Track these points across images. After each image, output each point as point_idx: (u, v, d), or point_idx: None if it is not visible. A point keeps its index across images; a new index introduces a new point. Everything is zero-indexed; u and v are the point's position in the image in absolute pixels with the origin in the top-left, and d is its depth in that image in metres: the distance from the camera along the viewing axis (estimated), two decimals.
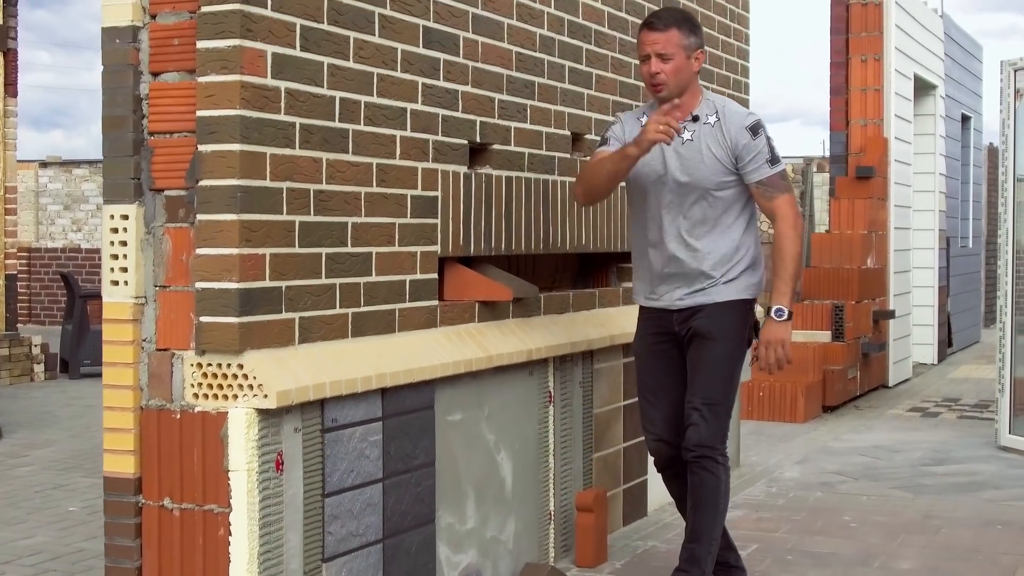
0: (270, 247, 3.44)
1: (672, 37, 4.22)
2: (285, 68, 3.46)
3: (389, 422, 3.90)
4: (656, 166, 4.30)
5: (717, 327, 4.31)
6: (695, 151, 4.26)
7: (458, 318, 4.31)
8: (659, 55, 4.22)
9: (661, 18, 4.31)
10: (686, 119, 4.26)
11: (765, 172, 4.26)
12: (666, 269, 4.36)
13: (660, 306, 4.41)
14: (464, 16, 4.29)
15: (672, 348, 4.43)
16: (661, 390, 4.47)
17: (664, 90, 4.24)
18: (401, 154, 3.98)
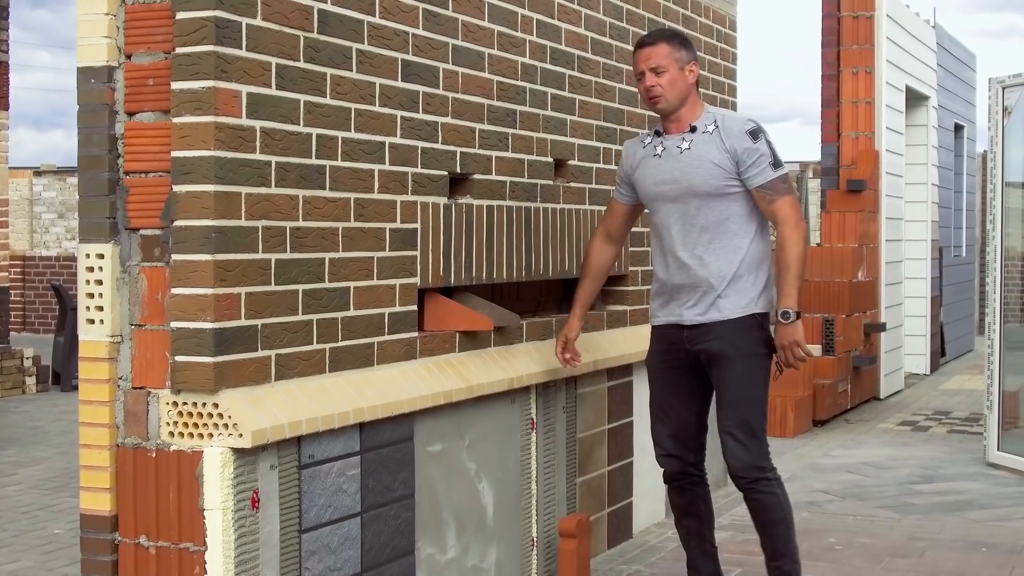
0: (245, 286, 3.44)
1: (662, 50, 4.35)
2: (260, 107, 3.47)
3: (367, 456, 3.91)
4: (656, 176, 4.42)
5: (732, 346, 4.34)
6: (692, 158, 4.35)
7: (438, 349, 4.31)
8: (652, 69, 4.34)
9: (650, 34, 4.53)
10: (684, 131, 4.39)
11: (768, 175, 4.31)
12: (675, 280, 4.41)
13: (671, 321, 4.46)
14: (444, 48, 4.30)
15: (681, 365, 4.49)
16: (669, 407, 4.55)
17: (661, 102, 4.36)
18: (380, 188, 3.98)
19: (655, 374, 4.59)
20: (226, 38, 3.35)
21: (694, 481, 4.62)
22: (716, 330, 4.35)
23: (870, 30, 10.74)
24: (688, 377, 4.51)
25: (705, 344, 4.37)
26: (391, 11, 4.01)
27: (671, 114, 4.41)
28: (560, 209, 5.08)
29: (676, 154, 4.38)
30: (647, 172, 4.46)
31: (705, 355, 4.40)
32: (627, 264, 5.69)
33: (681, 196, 4.37)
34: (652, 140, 4.50)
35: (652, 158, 4.46)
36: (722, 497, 6.75)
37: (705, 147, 4.35)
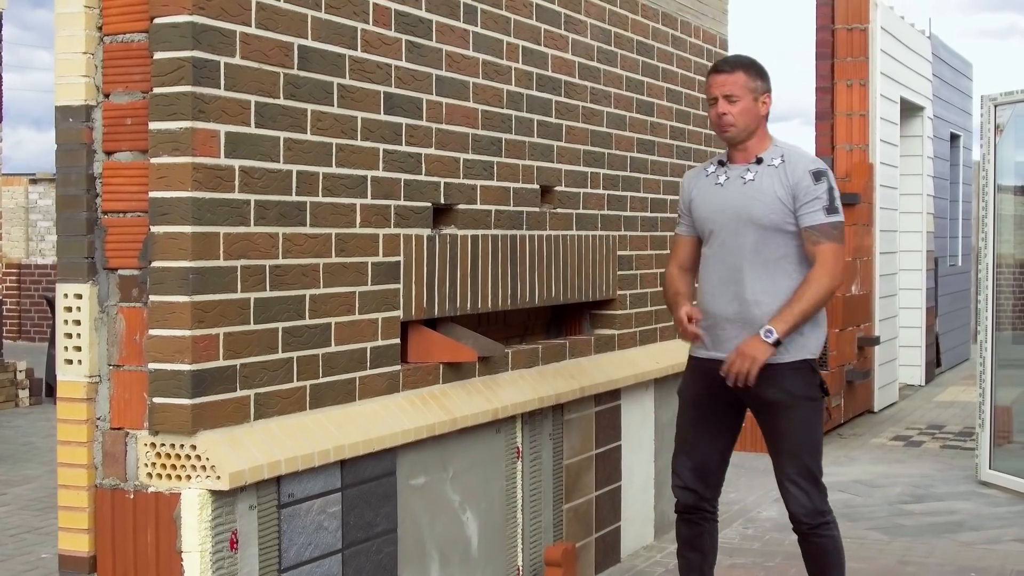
0: (224, 326, 3.43)
1: (738, 79, 4.29)
2: (239, 146, 3.45)
3: (349, 492, 3.89)
4: (716, 204, 4.36)
5: (788, 395, 4.26)
6: (755, 189, 4.29)
7: (422, 381, 4.30)
8: (726, 97, 4.29)
9: (728, 61, 4.41)
10: (750, 162, 4.33)
11: (819, 219, 4.22)
12: (726, 313, 4.32)
13: (715, 356, 4.34)
14: (427, 79, 4.28)
15: (718, 403, 4.39)
16: (697, 441, 4.46)
17: (732, 131, 4.31)
18: (361, 222, 3.97)
19: (689, 407, 4.50)
20: (204, 78, 3.33)
21: (706, 516, 4.53)
22: (771, 374, 4.22)
23: (864, 43, 10.72)
24: (722, 415, 4.43)
25: (757, 391, 4.25)
26: (373, 44, 4.00)
27: (739, 144, 4.35)
28: (546, 236, 5.06)
29: (739, 184, 4.33)
30: (706, 200, 4.40)
31: (757, 401, 4.31)
32: (615, 288, 5.67)
33: (739, 227, 4.29)
34: (715, 169, 4.44)
35: (713, 187, 4.39)
36: None
37: (769, 180, 4.28)
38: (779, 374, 4.23)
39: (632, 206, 5.83)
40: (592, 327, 5.72)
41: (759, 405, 4.33)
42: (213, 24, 3.35)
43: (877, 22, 10.72)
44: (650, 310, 6.05)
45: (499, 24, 4.70)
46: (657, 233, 6.11)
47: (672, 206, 6.28)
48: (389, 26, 4.08)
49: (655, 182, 6.08)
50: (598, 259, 5.49)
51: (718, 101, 4.31)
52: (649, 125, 6.00)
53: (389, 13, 4.07)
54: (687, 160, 6.43)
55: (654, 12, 6.04)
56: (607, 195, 5.58)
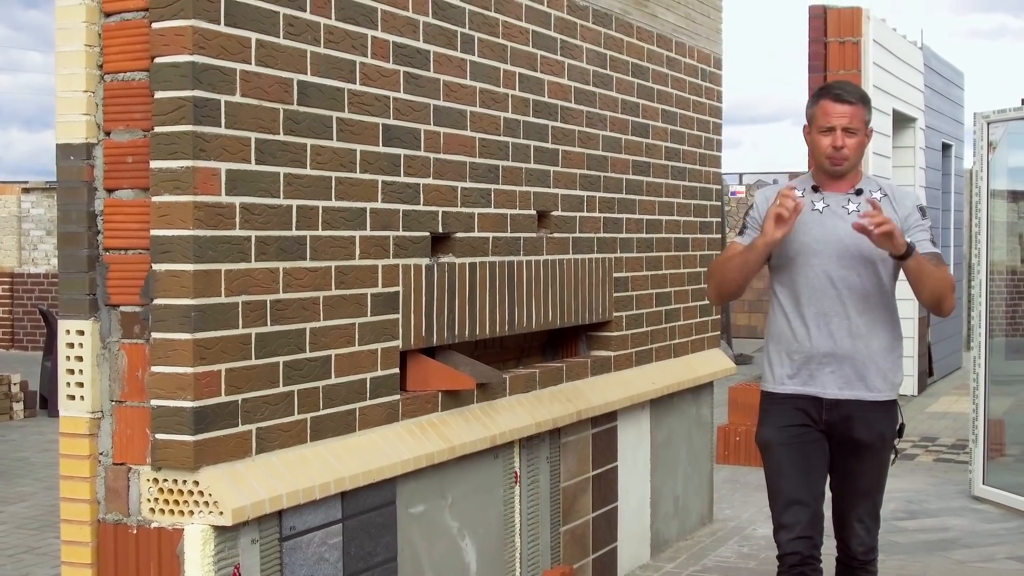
0: (225, 362, 3.45)
1: (859, 113, 4.11)
2: (239, 183, 3.48)
3: (349, 523, 3.91)
4: (816, 233, 4.13)
5: (880, 438, 4.14)
6: None
7: (420, 409, 4.32)
8: (845, 129, 4.09)
9: (850, 92, 4.16)
10: (848, 191, 4.16)
11: (928, 248, 4.08)
12: (819, 347, 4.11)
13: (807, 393, 4.14)
14: (425, 109, 4.30)
15: (814, 441, 4.16)
16: (805, 486, 4.14)
17: (844, 165, 4.12)
18: (361, 254, 3.99)
19: (783, 450, 4.16)
20: (204, 117, 3.35)
21: (815, 568, 4.17)
22: (865, 414, 4.09)
23: (856, 55, 10.76)
24: (819, 454, 4.17)
25: (848, 432, 4.10)
26: (371, 76, 4.02)
27: (840, 176, 4.16)
28: (543, 260, 5.09)
29: (843, 214, 4.11)
30: (802, 226, 4.11)
31: (849, 441, 4.12)
32: (611, 310, 5.70)
33: (845, 259, 4.09)
34: (807, 194, 4.18)
35: (810, 212, 4.14)
36: (707, 536, 6.78)
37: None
38: (873, 415, 4.10)
39: (628, 228, 5.86)
40: (588, 349, 5.74)
41: (847, 444, 4.13)
42: (213, 63, 3.38)
43: (869, 35, 10.76)
44: (646, 331, 6.08)
45: (496, 52, 4.73)
46: (652, 254, 6.13)
47: (668, 226, 6.31)
48: (387, 58, 4.10)
49: (650, 203, 6.11)
50: (594, 282, 5.52)
51: (835, 132, 4.08)
52: (644, 147, 6.03)
53: (388, 45, 4.10)
54: (682, 180, 6.47)
55: (649, 34, 6.07)
56: (603, 218, 5.61)
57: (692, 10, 6.63)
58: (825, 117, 4.12)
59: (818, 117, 4.14)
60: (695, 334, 6.69)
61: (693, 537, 6.73)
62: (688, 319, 6.60)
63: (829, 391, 4.12)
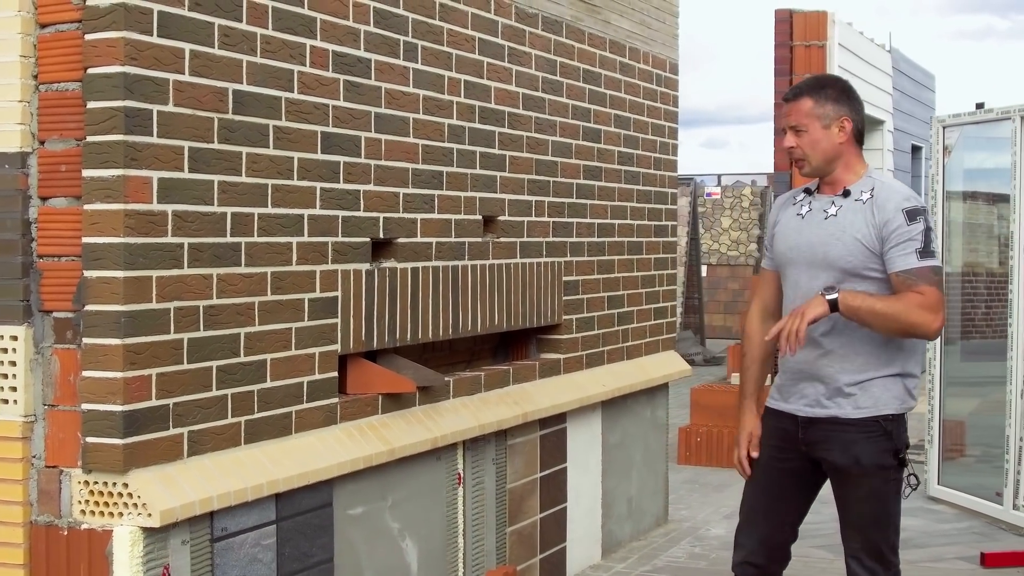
0: (157, 367, 3.51)
1: (802, 106, 3.85)
2: (172, 191, 3.54)
3: (284, 524, 3.98)
4: (792, 240, 3.94)
5: (856, 463, 3.82)
6: (835, 227, 3.82)
7: (360, 412, 4.39)
8: (792, 127, 3.87)
9: (794, 88, 3.94)
10: (837, 193, 3.87)
11: (911, 263, 3.70)
12: (795, 363, 3.91)
13: (786, 410, 3.95)
14: (366, 117, 4.37)
15: (791, 465, 3.97)
16: (768, 512, 4.02)
17: (805, 166, 3.88)
18: (298, 260, 4.06)
19: (758, 470, 4.03)
20: (136, 127, 3.42)
21: None
22: (836, 436, 3.82)
23: (822, 59, 10.84)
24: (795, 480, 3.98)
25: (824, 454, 3.86)
26: (310, 85, 4.09)
27: (824, 176, 3.89)
28: (489, 265, 5.15)
29: (820, 219, 3.86)
30: (786, 232, 3.97)
31: (829, 465, 3.90)
32: (561, 313, 5.77)
33: (813, 269, 3.85)
34: (802, 198, 3.99)
35: (794, 218, 3.95)
36: (661, 536, 6.85)
37: (852, 217, 3.80)
38: (847, 436, 3.81)
39: (579, 232, 5.93)
40: (539, 351, 5.81)
41: (828, 468, 3.92)
42: (146, 74, 3.44)
43: (835, 39, 10.84)
44: (597, 333, 6.15)
45: (440, 60, 4.79)
46: (605, 257, 6.21)
47: (621, 230, 6.39)
48: (327, 67, 4.16)
49: (602, 207, 6.18)
50: (543, 286, 5.59)
51: (786, 133, 3.90)
52: (596, 152, 6.10)
53: (327, 54, 4.16)
54: (636, 184, 6.54)
55: (601, 40, 6.14)
56: (552, 222, 5.68)
57: (647, 16, 6.70)
58: (779, 122, 4.04)
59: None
60: (649, 336, 6.77)
61: (647, 537, 6.80)
62: (642, 322, 6.67)
63: (801, 408, 3.92)
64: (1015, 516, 7.06)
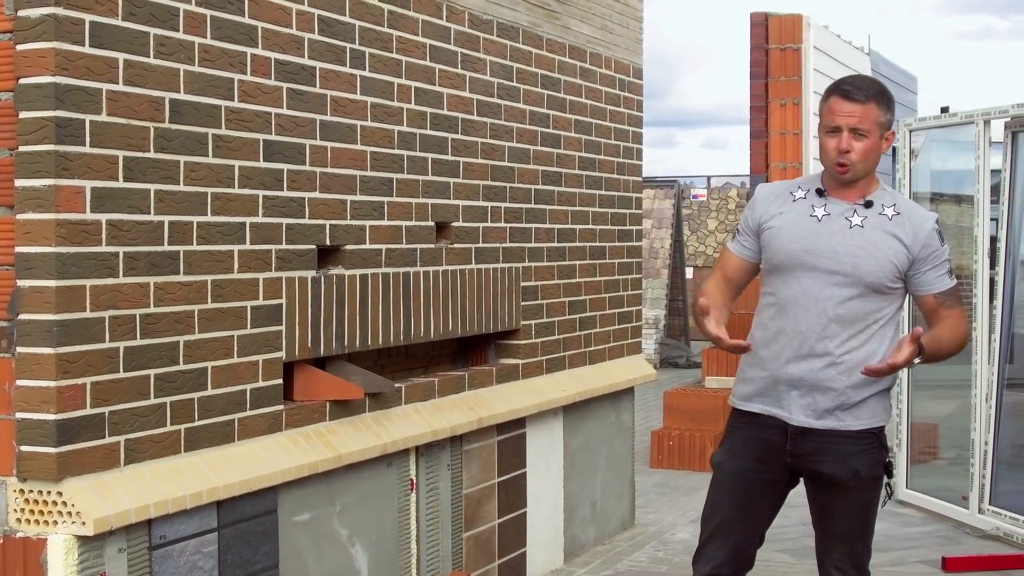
0: (91, 376, 3.52)
1: (871, 112, 3.63)
2: (106, 201, 3.55)
3: (225, 531, 3.99)
4: (811, 243, 3.73)
5: (854, 475, 3.73)
6: (865, 240, 3.69)
7: (307, 419, 4.40)
8: (853, 130, 3.63)
9: (860, 87, 3.68)
10: (857, 202, 3.72)
11: (947, 284, 3.74)
12: (795, 370, 3.73)
13: (774, 414, 3.78)
14: (310, 125, 4.38)
15: (774, 474, 3.82)
16: (739, 522, 3.84)
17: (850, 172, 3.67)
18: (240, 267, 4.07)
19: (729, 480, 3.85)
20: (68, 136, 3.43)
21: None
22: (833, 448, 3.71)
23: (797, 62, 10.89)
24: (770, 491, 3.85)
25: (817, 465, 3.74)
26: (251, 94, 4.10)
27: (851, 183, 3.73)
28: (442, 271, 5.17)
29: (844, 226, 3.69)
30: (795, 232, 3.75)
31: (819, 477, 3.77)
32: (519, 319, 5.79)
33: (835, 277, 3.69)
34: (809, 196, 3.79)
35: (807, 219, 3.75)
36: (625, 540, 6.87)
37: (883, 233, 3.68)
38: (847, 448, 3.71)
39: (537, 237, 5.95)
40: (497, 357, 5.83)
41: (817, 480, 3.79)
42: (77, 84, 3.45)
43: (810, 42, 10.88)
44: (558, 338, 6.17)
45: (389, 67, 4.81)
46: (566, 263, 6.22)
47: (583, 235, 6.41)
48: (269, 75, 4.18)
49: (563, 213, 6.19)
50: (500, 291, 5.61)
51: (841, 133, 3.64)
52: (555, 157, 6.11)
53: (269, 62, 4.18)
54: (598, 189, 6.56)
55: (560, 46, 6.16)
56: (509, 228, 5.69)
57: (609, 21, 6.72)
58: (831, 116, 3.67)
59: (824, 115, 3.72)
60: (613, 341, 6.79)
61: (611, 542, 6.82)
62: (605, 326, 6.69)
63: (796, 417, 3.74)
64: (980, 520, 7.08)
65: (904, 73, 15.00)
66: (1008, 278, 7.14)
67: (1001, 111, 6.99)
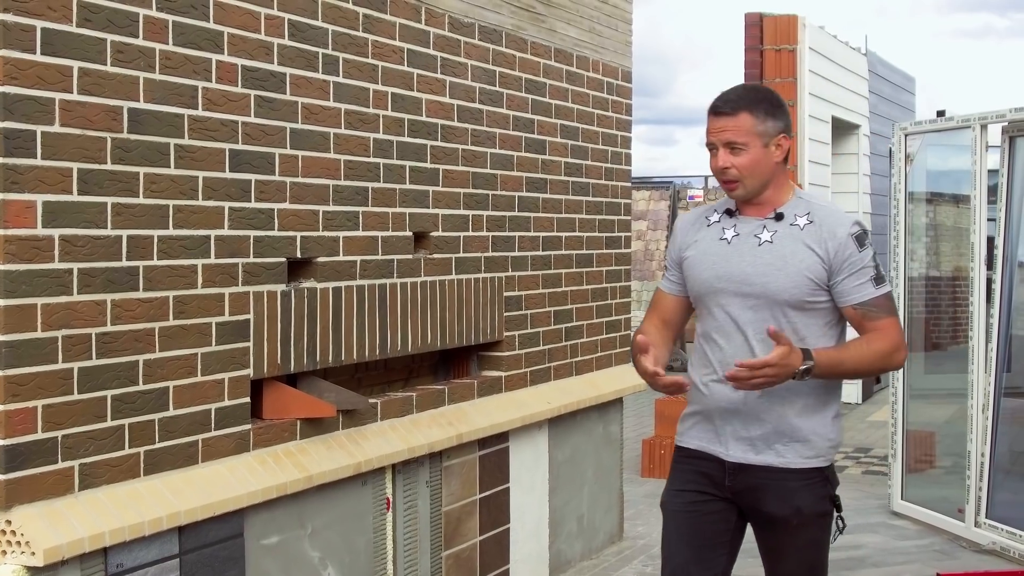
0: (42, 398, 3.37)
1: (743, 123, 3.43)
2: (59, 215, 3.40)
3: (188, 557, 3.84)
4: (720, 268, 3.51)
5: (796, 512, 3.46)
6: (774, 256, 3.44)
7: (276, 438, 4.24)
8: (728, 145, 3.45)
9: (728, 99, 3.48)
10: (767, 216, 3.51)
11: (869, 293, 3.41)
12: (724, 403, 3.50)
13: (709, 452, 3.55)
14: (280, 133, 4.23)
15: (720, 506, 3.55)
16: (697, 563, 3.57)
17: (739, 188, 3.47)
18: (204, 282, 3.91)
19: (675, 518, 3.61)
20: (17, 148, 3.27)
21: None
22: (773, 485, 3.46)
23: (792, 63, 10.72)
24: (722, 525, 3.57)
25: (757, 504, 3.50)
26: (216, 102, 3.94)
27: (752, 199, 3.53)
28: (420, 282, 5.01)
29: (752, 245, 3.48)
30: (706, 259, 3.54)
31: (759, 515, 3.53)
32: (502, 330, 5.63)
33: (748, 300, 3.46)
34: (721, 219, 3.59)
35: (717, 242, 3.54)
36: (613, 555, 6.72)
37: (793, 245, 3.43)
38: (788, 485, 3.46)
39: (521, 246, 5.79)
40: (480, 369, 5.68)
41: (758, 518, 3.54)
42: (28, 93, 3.30)
43: (806, 42, 10.72)
44: (543, 349, 6.01)
45: (364, 72, 4.65)
46: (551, 271, 6.07)
47: (569, 243, 6.25)
48: (235, 82, 4.02)
49: (548, 220, 6.04)
50: (481, 302, 5.45)
51: (718, 151, 3.47)
52: (541, 163, 5.96)
53: (235, 69, 4.02)
54: (585, 196, 6.40)
55: (545, 49, 6.00)
56: (492, 236, 5.54)
57: (597, 24, 6.56)
58: (706, 134, 3.50)
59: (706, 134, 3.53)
60: (600, 351, 6.63)
61: (599, 556, 6.66)
62: (592, 336, 6.54)
63: (733, 453, 3.51)
64: (976, 534, 6.93)
65: (902, 74, 14.83)
66: (1006, 283, 6.98)
67: (998, 115, 6.83)
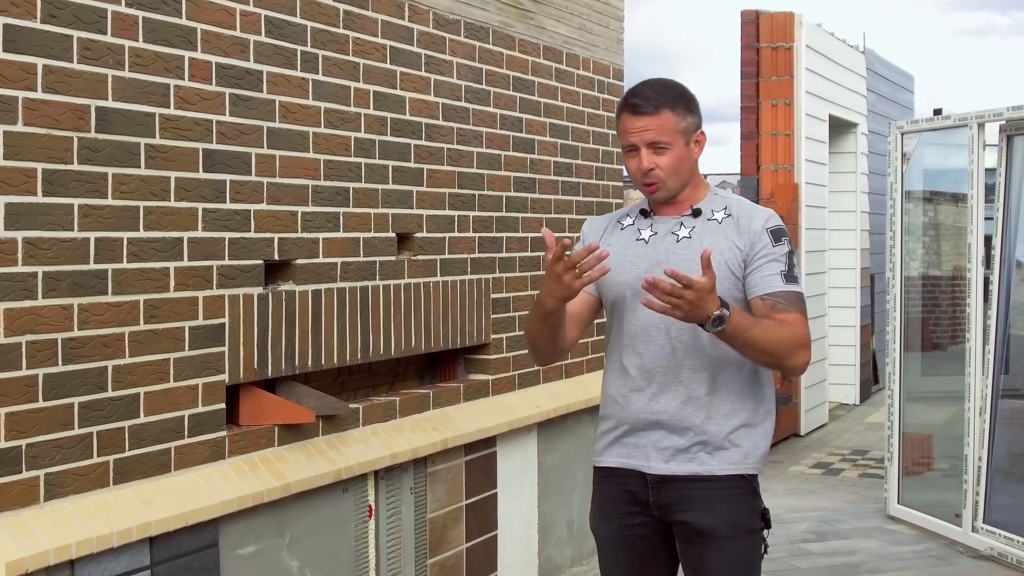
0: (6, 406, 3.27)
1: (666, 121, 3.22)
2: (23, 217, 3.29)
3: (159, 569, 3.73)
4: (637, 270, 3.26)
5: (725, 523, 3.24)
6: (695, 251, 3.18)
7: (252, 445, 4.14)
8: (651, 144, 3.23)
9: (648, 97, 3.24)
10: (683, 213, 3.32)
11: (776, 285, 3.20)
12: (643, 413, 3.27)
13: (630, 466, 3.31)
14: (256, 133, 4.12)
15: (651, 526, 3.31)
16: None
17: (660, 188, 3.27)
18: (177, 286, 3.81)
19: (608, 545, 3.38)
20: None
21: None
22: (698, 495, 3.24)
23: (789, 61, 10.61)
24: (657, 547, 3.33)
25: (683, 516, 3.25)
26: (189, 100, 3.84)
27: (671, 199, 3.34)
28: (404, 284, 4.91)
29: (671, 243, 3.28)
30: (624, 262, 3.29)
31: (686, 529, 3.27)
32: (489, 332, 5.53)
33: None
34: (635, 220, 3.38)
35: (634, 243, 3.33)
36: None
37: (712, 239, 3.25)
38: (712, 494, 3.24)
39: (509, 247, 5.69)
40: (467, 372, 5.57)
41: (686, 533, 3.28)
42: None
43: (802, 40, 10.60)
44: None
45: (345, 70, 4.55)
46: (539, 273, 5.96)
47: None
48: (209, 80, 3.92)
49: (536, 220, 5.93)
50: (468, 304, 5.35)
51: (638, 151, 3.25)
52: (529, 162, 5.85)
53: (210, 67, 3.92)
54: (575, 195, 6.30)
55: (534, 47, 5.89)
56: (478, 237, 5.43)
57: (588, 21, 6.45)
58: (625, 135, 3.27)
59: (620, 135, 3.31)
60: (591, 353, 6.52)
61: (590, 562, 6.55)
62: (583, 337, 6.42)
63: (654, 465, 3.26)
64: (974, 539, 6.82)
65: (901, 72, 14.72)
66: (1004, 283, 6.88)
67: (995, 114, 6.73)
